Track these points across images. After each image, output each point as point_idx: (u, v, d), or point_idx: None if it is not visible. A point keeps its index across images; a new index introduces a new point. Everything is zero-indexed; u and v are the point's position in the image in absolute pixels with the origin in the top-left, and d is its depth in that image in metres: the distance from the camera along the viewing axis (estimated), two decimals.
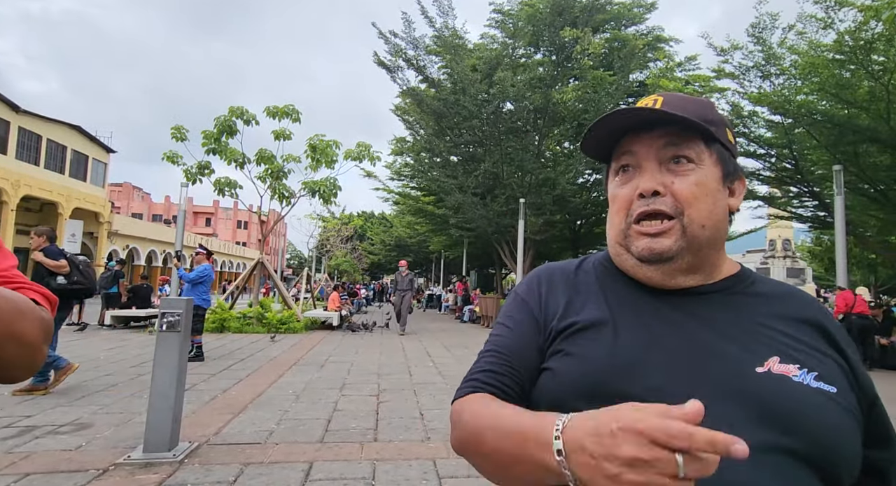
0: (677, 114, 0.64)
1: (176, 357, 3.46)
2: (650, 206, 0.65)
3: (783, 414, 0.57)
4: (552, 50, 16.43)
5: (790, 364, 0.61)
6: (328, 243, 27.32)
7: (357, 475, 3.13)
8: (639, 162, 0.68)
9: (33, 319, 0.61)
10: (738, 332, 0.64)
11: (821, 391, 0.59)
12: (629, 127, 0.68)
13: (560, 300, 0.73)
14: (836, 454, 0.57)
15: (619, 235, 0.69)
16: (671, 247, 0.64)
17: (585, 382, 0.63)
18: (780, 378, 0.60)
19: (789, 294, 0.70)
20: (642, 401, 0.52)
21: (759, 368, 0.60)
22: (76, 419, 4.18)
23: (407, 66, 16.79)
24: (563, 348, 0.68)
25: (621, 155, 0.70)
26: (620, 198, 0.69)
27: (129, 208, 54.03)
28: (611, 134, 0.70)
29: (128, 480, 2.97)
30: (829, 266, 25.14)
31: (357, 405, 4.94)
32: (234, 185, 12.76)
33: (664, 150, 0.66)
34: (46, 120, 23.71)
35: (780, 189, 15.55)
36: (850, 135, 10.32)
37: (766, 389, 0.59)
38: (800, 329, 0.65)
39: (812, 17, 9.74)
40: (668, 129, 0.66)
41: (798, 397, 0.58)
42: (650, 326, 0.66)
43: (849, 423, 0.59)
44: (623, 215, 0.69)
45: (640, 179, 0.67)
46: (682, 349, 0.63)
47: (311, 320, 12.55)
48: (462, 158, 18.80)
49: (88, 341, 8.97)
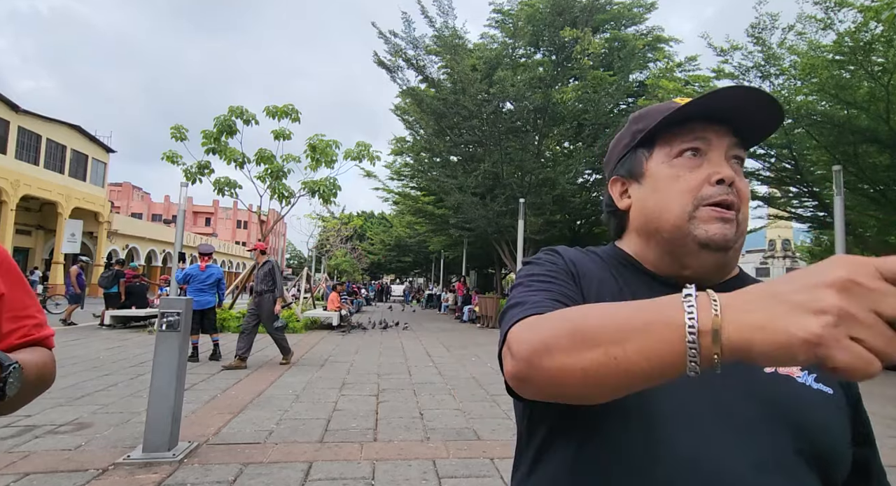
0: (781, 111, 0.66)
1: (175, 357, 3.46)
2: (729, 195, 0.65)
3: (792, 414, 0.58)
4: (552, 50, 16.43)
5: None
6: (328, 243, 27.29)
7: (357, 475, 3.13)
8: (709, 150, 0.67)
9: (53, 364, 0.85)
10: None
11: (821, 392, 0.60)
12: (711, 113, 0.67)
13: (582, 275, 0.70)
14: (834, 453, 0.58)
15: (685, 218, 0.65)
16: (735, 236, 0.65)
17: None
18: (786, 379, 0.60)
19: None
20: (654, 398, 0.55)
21: (767, 368, 0.60)
22: (76, 418, 4.18)
23: (407, 65, 16.79)
24: None
25: (694, 138, 0.68)
26: (690, 180, 0.66)
27: (128, 208, 54.00)
28: (684, 116, 0.68)
29: (127, 480, 2.97)
30: None
31: (357, 404, 4.94)
32: (234, 185, 12.75)
33: (732, 148, 0.68)
34: (46, 120, 23.70)
35: (779, 189, 15.56)
36: (850, 135, 10.32)
37: (776, 389, 0.59)
38: None
39: (812, 18, 9.74)
40: (731, 127, 0.67)
41: (803, 397, 0.59)
42: None
43: (843, 423, 0.61)
44: (690, 197, 0.66)
45: (718, 167, 0.66)
46: None
47: (310, 320, 12.54)
48: (462, 158, 18.80)
49: (88, 341, 8.97)
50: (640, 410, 0.57)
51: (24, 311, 0.83)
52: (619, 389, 0.47)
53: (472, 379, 6.49)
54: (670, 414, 0.57)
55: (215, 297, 7.77)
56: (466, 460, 3.45)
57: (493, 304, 15.98)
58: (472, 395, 5.53)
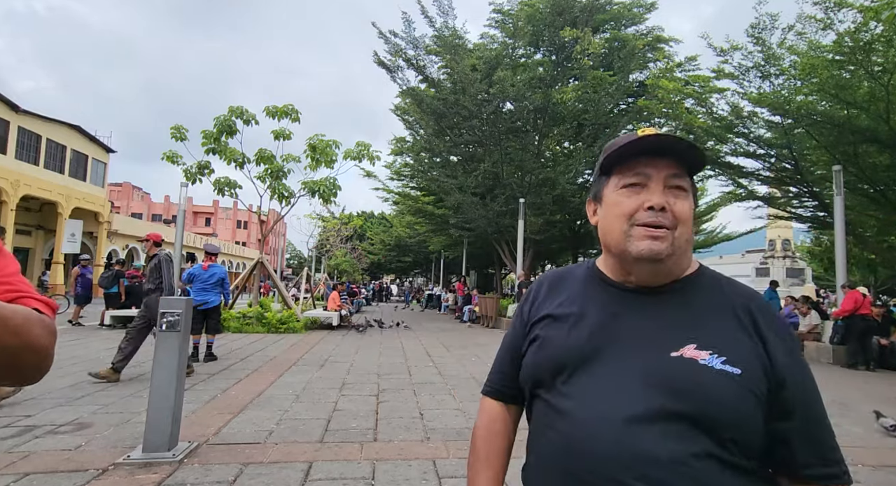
0: (699, 151, 0.83)
1: (176, 357, 3.46)
2: (657, 218, 0.81)
3: (680, 388, 0.75)
4: (552, 50, 16.43)
5: (704, 350, 0.77)
6: (328, 243, 27.28)
7: (357, 475, 3.13)
8: (649, 182, 0.83)
9: (42, 327, 0.69)
10: (672, 322, 0.81)
11: (724, 373, 0.75)
12: (651, 151, 0.84)
13: (550, 298, 0.94)
14: (727, 422, 0.73)
15: (622, 236, 0.84)
16: (664, 250, 0.81)
17: (548, 361, 0.87)
18: (689, 361, 0.76)
19: (730, 288, 0.86)
20: (586, 376, 0.81)
21: (674, 353, 0.78)
22: (76, 418, 4.18)
23: (407, 65, 16.79)
24: (536, 335, 0.91)
25: (634, 173, 0.84)
26: (625, 206, 0.84)
27: (128, 208, 53.99)
28: (627, 154, 0.85)
29: (127, 480, 2.97)
30: (829, 266, 25.16)
31: (357, 404, 4.94)
32: (234, 185, 12.76)
33: (670, 178, 0.83)
34: (46, 120, 23.69)
35: (779, 189, 15.54)
36: (850, 135, 10.32)
37: (673, 369, 0.76)
38: (728, 318, 0.81)
39: (811, 18, 9.73)
40: (673, 161, 0.84)
41: (698, 376, 0.75)
42: (607, 318, 0.85)
43: (745, 399, 0.74)
44: (625, 220, 0.83)
45: (651, 196, 0.82)
46: (621, 337, 0.82)
47: (310, 320, 12.55)
48: (462, 158, 18.80)
49: (88, 341, 8.97)
50: (571, 390, 0.82)
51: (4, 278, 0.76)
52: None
53: (472, 379, 6.48)
54: (588, 390, 0.80)
55: (219, 297, 7.71)
56: (466, 460, 3.45)
57: (493, 304, 15.96)
58: (472, 395, 5.53)
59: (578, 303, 0.89)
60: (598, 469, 0.74)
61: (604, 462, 0.74)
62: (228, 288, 8.05)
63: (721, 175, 15.68)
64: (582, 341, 0.84)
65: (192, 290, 7.53)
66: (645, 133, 0.83)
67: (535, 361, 0.89)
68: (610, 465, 0.73)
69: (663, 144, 0.82)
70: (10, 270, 0.78)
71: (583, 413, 0.79)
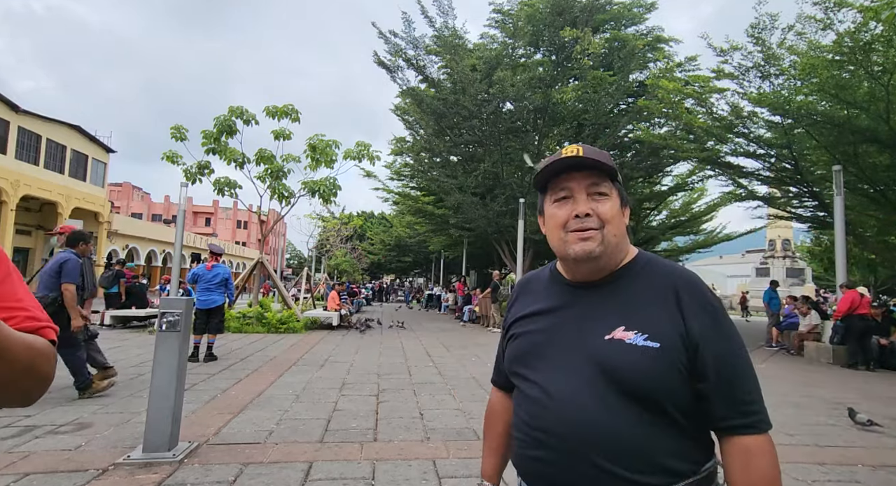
0: (603, 162, 0.97)
1: (176, 357, 3.46)
2: (584, 224, 0.96)
3: (612, 366, 0.90)
4: (552, 50, 16.42)
5: (631, 331, 0.91)
6: (328, 243, 27.28)
7: (357, 475, 3.13)
8: (573, 194, 0.99)
9: (51, 360, 0.74)
10: (608, 310, 0.96)
11: (645, 348, 0.89)
12: (567, 168, 0.99)
13: (523, 301, 1.11)
14: (652, 389, 0.87)
15: (561, 242, 0.99)
16: (595, 248, 0.95)
17: (518, 353, 1.05)
18: (617, 342, 0.91)
19: (659, 270, 0.99)
20: (544, 362, 0.98)
21: (607, 336, 0.92)
22: (76, 418, 4.18)
23: (407, 65, 16.78)
24: (512, 333, 1.09)
25: (560, 189, 1.00)
26: (558, 217, 0.99)
27: (128, 208, 53.97)
28: (553, 172, 1.00)
29: (127, 480, 2.97)
30: (829, 266, 25.14)
31: (357, 405, 4.94)
32: (234, 185, 12.75)
33: (590, 187, 0.98)
34: (46, 120, 23.68)
35: (779, 189, 15.54)
36: (850, 135, 10.31)
37: (604, 349, 0.92)
38: (654, 298, 0.94)
39: (811, 18, 9.73)
40: (591, 171, 0.98)
41: (624, 354, 0.89)
42: (560, 312, 1.01)
43: (665, 368, 0.87)
44: (561, 229, 0.99)
45: (576, 206, 0.97)
46: (569, 327, 0.98)
47: (310, 320, 12.55)
48: (462, 158, 18.79)
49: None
50: (533, 375, 0.99)
51: (17, 303, 0.76)
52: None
53: (472, 379, 6.48)
54: (544, 375, 0.97)
55: (223, 297, 7.72)
56: (466, 460, 3.45)
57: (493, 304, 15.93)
58: (472, 395, 5.53)
59: (542, 301, 1.05)
60: (557, 443, 0.91)
61: (561, 435, 0.90)
62: (233, 288, 8.07)
63: (721, 175, 15.69)
64: (540, 335, 1.01)
65: (198, 290, 7.58)
66: (566, 154, 0.97)
67: (508, 355, 1.08)
68: (567, 437, 0.90)
69: (581, 161, 0.97)
70: (21, 293, 0.78)
71: (541, 394, 0.95)
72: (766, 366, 8.93)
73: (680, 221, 23.77)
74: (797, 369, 8.65)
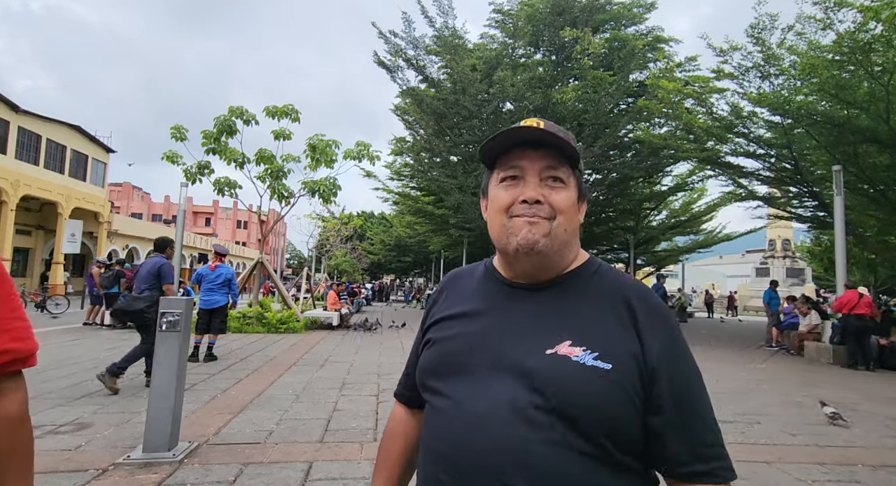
0: (566, 141, 0.81)
1: (176, 357, 3.46)
2: (532, 210, 0.80)
3: (549, 384, 0.73)
4: (552, 50, 16.43)
5: (578, 347, 0.76)
6: (328, 243, 27.29)
7: (357, 475, 3.13)
8: (524, 175, 0.83)
9: (14, 428, 0.84)
10: (551, 319, 0.80)
11: (594, 369, 0.73)
12: (521, 143, 0.83)
13: (446, 301, 0.93)
14: (596, 418, 0.71)
15: (501, 229, 0.83)
16: (542, 239, 0.79)
17: (433, 363, 0.86)
18: (562, 359, 0.75)
19: (612, 281, 0.85)
20: (463, 374, 0.80)
21: (549, 350, 0.76)
22: (76, 418, 4.18)
23: (407, 65, 16.77)
24: (428, 338, 0.91)
25: (509, 167, 0.84)
26: (502, 199, 0.83)
27: (128, 208, 53.97)
28: (503, 147, 0.84)
29: (127, 480, 2.97)
30: (829, 266, 25.12)
31: (357, 404, 4.94)
32: (234, 185, 12.75)
33: (545, 170, 0.82)
34: (46, 120, 23.68)
35: (779, 189, 15.55)
36: (850, 135, 10.31)
37: (544, 366, 0.75)
38: (606, 312, 0.80)
39: (811, 18, 9.73)
40: (549, 151, 0.82)
41: (567, 372, 0.74)
42: (491, 315, 0.84)
43: (615, 394, 0.72)
44: (503, 214, 0.83)
45: (525, 189, 0.82)
46: (500, 335, 0.81)
47: (310, 320, 12.55)
48: (462, 158, 18.78)
49: (88, 341, 8.97)
50: (448, 388, 0.81)
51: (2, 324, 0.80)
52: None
53: None
54: (462, 390, 0.79)
55: (226, 297, 7.70)
56: None
57: None
58: None
59: (471, 302, 0.89)
60: (468, 468, 0.74)
61: (473, 460, 0.73)
62: (236, 289, 8.06)
63: (721, 175, 15.68)
64: (463, 341, 0.84)
65: (201, 290, 7.60)
66: (525, 124, 0.82)
67: (422, 363, 0.89)
68: (481, 462, 0.73)
69: (540, 135, 0.81)
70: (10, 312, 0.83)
71: (457, 412, 0.78)
72: (766, 366, 8.93)
73: (680, 221, 23.79)
74: (797, 370, 8.64)
